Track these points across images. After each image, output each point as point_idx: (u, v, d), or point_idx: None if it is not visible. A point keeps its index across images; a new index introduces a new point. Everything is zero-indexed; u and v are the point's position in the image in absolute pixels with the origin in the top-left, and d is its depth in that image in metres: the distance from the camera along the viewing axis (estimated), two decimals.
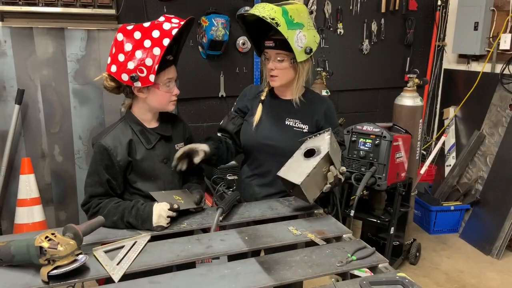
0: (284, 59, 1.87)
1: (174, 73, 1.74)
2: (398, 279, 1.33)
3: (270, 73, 1.91)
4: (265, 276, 1.34)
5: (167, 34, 1.59)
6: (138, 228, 1.62)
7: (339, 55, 4.15)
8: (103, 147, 1.67)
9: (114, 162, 1.67)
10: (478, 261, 3.55)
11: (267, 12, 1.75)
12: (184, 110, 3.67)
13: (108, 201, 1.66)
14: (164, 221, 1.61)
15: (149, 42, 1.59)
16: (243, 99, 2.08)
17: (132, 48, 1.61)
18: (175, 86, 1.75)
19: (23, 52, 3.18)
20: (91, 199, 1.67)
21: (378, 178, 2.77)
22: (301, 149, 1.80)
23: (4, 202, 3.30)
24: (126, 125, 1.75)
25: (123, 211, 1.62)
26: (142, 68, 1.60)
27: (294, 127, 1.96)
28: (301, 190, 1.67)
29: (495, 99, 3.99)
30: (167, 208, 1.62)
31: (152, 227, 1.60)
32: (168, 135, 1.82)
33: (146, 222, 1.60)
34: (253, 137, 1.98)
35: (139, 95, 1.71)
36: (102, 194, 1.68)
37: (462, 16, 4.16)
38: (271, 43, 1.86)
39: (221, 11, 3.56)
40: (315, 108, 1.99)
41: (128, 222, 1.61)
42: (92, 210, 1.66)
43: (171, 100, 1.75)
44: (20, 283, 1.27)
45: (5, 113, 3.19)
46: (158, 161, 1.77)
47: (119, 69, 1.63)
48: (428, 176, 4.43)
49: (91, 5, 3.18)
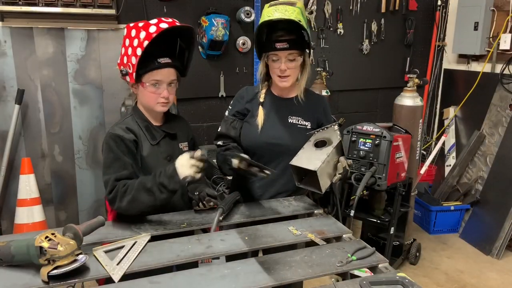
0: (295, 58, 1.89)
1: (165, 76, 1.72)
2: (398, 279, 1.33)
3: (282, 74, 1.90)
4: (265, 276, 1.34)
5: (149, 36, 1.62)
6: (170, 187, 1.60)
7: (339, 55, 4.15)
8: (115, 135, 1.68)
9: (129, 146, 1.68)
10: (478, 261, 3.55)
11: (294, 15, 1.80)
12: (184, 110, 3.67)
13: (134, 180, 1.65)
14: (190, 170, 1.59)
15: (137, 41, 1.64)
16: (240, 101, 2.05)
17: (128, 44, 1.68)
18: (165, 89, 1.73)
19: (23, 52, 3.18)
20: (116, 183, 1.64)
21: (378, 178, 2.77)
22: (311, 141, 1.83)
23: (4, 202, 3.30)
24: (133, 120, 1.78)
25: (153, 176, 1.62)
26: (130, 65, 1.68)
27: (298, 125, 1.98)
28: (316, 178, 1.68)
29: (495, 99, 3.99)
30: (188, 156, 1.61)
31: (181, 179, 1.59)
32: (173, 133, 1.84)
33: (174, 176, 1.59)
34: (257, 138, 1.97)
35: (133, 89, 1.79)
36: (128, 176, 1.66)
37: (462, 16, 4.16)
38: (285, 44, 1.85)
39: (221, 11, 3.56)
40: (315, 106, 2.04)
41: (161, 183, 1.59)
42: (121, 191, 1.62)
43: (158, 101, 1.74)
44: (20, 283, 1.27)
45: (5, 113, 3.20)
46: (162, 158, 1.78)
47: (120, 61, 1.74)
48: (428, 176, 4.43)
49: (91, 5, 3.18)
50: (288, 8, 1.81)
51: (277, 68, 1.89)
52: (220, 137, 2.05)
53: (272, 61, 1.90)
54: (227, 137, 2.03)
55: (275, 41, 1.86)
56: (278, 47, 1.86)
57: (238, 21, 3.69)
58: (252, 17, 3.63)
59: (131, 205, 1.61)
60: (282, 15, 1.80)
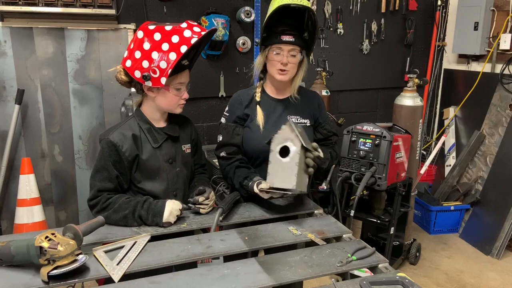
0: (297, 54, 1.90)
1: (186, 78, 1.76)
2: (398, 279, 1.33)
3: (282, 68, 1.90)
4: (265, 276, 1.34)
5: (186, 41, 1.61)
6: (147, 222, 1.65)
7: (339, 55, 4.15)
8: (111, 142, 1.68)
9: (122, 157, 1.68)
10: (478, 261, 3.55)
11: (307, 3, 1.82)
12: (184, 110, 3.59)
13: (118, 196, 1.68)
14: (173, 219, 1.67)
15: (167, 45, 1.61)
16: (239, 107, 2.00)
17: (150, 48, 1.63)
18: (185, 90, 1.77)
19: (23, 52, 3.18)
20: (100, 194, 1.67)
21: (378, 178, 2.76)
22: (273, 150, 1.77)
23: (4, 202, 3.30)
24: (134, 122, 1.77)
25: (135, 204, 1.66)
26: (156, 69, 1.63)
27: (297, 123, 1.97)
28: (297, 191, 1.70)
29: (495, 99, 3.99)
30: (179, 208, 1.68)
31: (161, 222, 1.64)
32: (176, 136, 1.83)
33: (157, 216, 1.64)
34: (261, 142, 1.92)
35: (149, 93, 1.74)
36: (111, 189, 1.69)
37: (462, 16, 4.16)
38: (291, 38, 1.87)
39: (221, 11, 3.56)
40: (310, 102, 2.06)
41: (139, 216, 1.65)
42: (101, 205, 1.66)
43: (179, 103, 1.78)
44: (20, 283, 1.27)
45: (5, 113, 3.19)
46: (163, 161, 1.78)
47: (133, 65, 1.67)
48: (428, 176, 4.43)
49: (91, 5, 3.17)
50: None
51: (278, 61, 1.89)
52: (222, 146, 1.99)
53: (274, 54, 1.90)
54: (231, 146, 1.98)
55: (281, 34, 1.87)
56: (284, 39, 1.87)
57: (238, 21, 3.69)
58: (252, 17, 3.63)
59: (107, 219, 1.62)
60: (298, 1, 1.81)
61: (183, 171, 1.86)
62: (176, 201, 1.69)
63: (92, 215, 1.65)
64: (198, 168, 2.01)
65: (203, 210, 1.77)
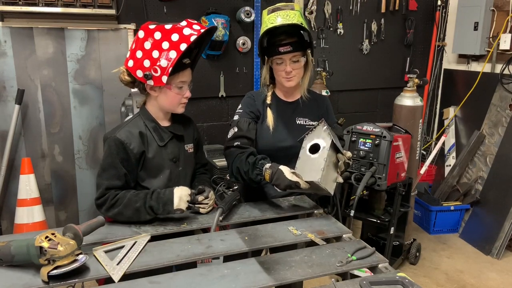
0: (299, 59, 1.91)
1: (188, 77, 1.76)
2: (398, 279, 1.33)
3: (288, 76, 1.92)
4: (265, 276, 1.34)
5: (186, 39, 1.61)
6: (158, 212, 1.65)
7: (339, 55, 4.15)
8: (119, 140, 1.68)
9: (130, 155, 1.69)
10: (478, 261, 3.55)
11: (296, 18, 1.83)
12: (185, 110, 3.67)
13: (125, 192, 1.68)
14: (184, 205, 1.66)
15: (167, 44, 1.61)
16: (253, 104, 2.02)
17: (151, 47, 1.64)
18: (187, 89, 1.77)
19: (23, 52, 3.18)
20: (107, 191, 1.66)
21: (378, 178, 2.77)
22: (304, 147, 1.83)
23: (4, 202, 3.30)
24: (140, 121, 1.78)
25: (144, 196, 1.66)
26: (157, 68, 1.63)
27: (306, 125, 2.00)
28: (321, 186, 1.69)
29: (495, 99, 3.99)
30: (188, 193, 1.68)
31: (173, 209, 1.64)
32: (180, 134, 1.85)
33: (168, 204, 1.64)
34: (270, 141, 1.98)
35: (151, 93, 1.75)
36: (120, 187, 1.68)
37: (462, 16, 4.16)
38: (288, 47, 1.87)
39: (221, 11, 3.56)
40: (319, 105, 2.09)
41: (150, 207, 1.64)
42: (110, 202, 1.65)
43: (181, 102, 1.78)
44: (20, 283, 1.27)
45: (5, 113, 3.20)
46: (168, 159, 1.79)
47: (135, 65, 1.68)
48: (428, 176, 4.43)
49: (91, 5, 3.18)
50: (289, 13, 1.84)
51: (282, 70, 1.92)
52: (237, 138, 1.94)
53: (277, 64, 1.93)
54: (245, 138, 1.94)
55: (279, 45, 1.88)
56: (282, 51, 1.88)
57: (238, 21, 3.69)
58: (252, 17, 3.63)
59: (116, 217, 1.66)
60: (285, 21, 1.83)
61: (186, 170, 1.87)
62: (183, 187, 1.69)
63: (101, 214, 1.64)
64: (200, 167, 2.02)
65: (203, 210, 1.77)
